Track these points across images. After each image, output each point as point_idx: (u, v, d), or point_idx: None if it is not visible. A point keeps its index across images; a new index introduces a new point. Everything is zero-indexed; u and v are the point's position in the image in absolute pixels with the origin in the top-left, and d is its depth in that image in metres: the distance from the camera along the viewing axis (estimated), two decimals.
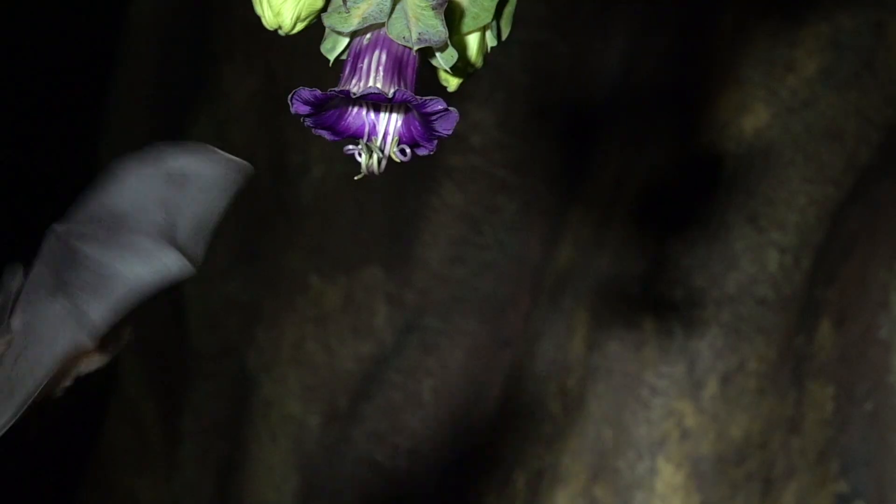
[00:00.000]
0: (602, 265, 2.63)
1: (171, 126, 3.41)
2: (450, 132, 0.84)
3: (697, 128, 2.59)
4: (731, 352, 2.44)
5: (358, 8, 0.82)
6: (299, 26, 0.85)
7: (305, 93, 0.84)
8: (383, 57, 0.83)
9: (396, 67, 0.83)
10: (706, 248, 2.49)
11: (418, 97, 0.82)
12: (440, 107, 0.83)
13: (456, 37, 0.87)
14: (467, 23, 0.86)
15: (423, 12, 0.82)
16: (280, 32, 0.85)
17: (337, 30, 0.83)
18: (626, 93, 2.81)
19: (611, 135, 2.78)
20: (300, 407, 3.04)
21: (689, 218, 2.52)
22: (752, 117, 2.53)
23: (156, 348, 3.58)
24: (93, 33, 4.13)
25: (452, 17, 0.86)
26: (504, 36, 0.89)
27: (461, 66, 0.88)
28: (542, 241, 2.83)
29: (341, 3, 0.82)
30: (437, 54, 0.86)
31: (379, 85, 0.83)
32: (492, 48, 0.90)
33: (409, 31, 0.82)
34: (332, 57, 0.87)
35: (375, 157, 0.86)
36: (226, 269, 3.25)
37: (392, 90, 0.83)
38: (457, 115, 0.83)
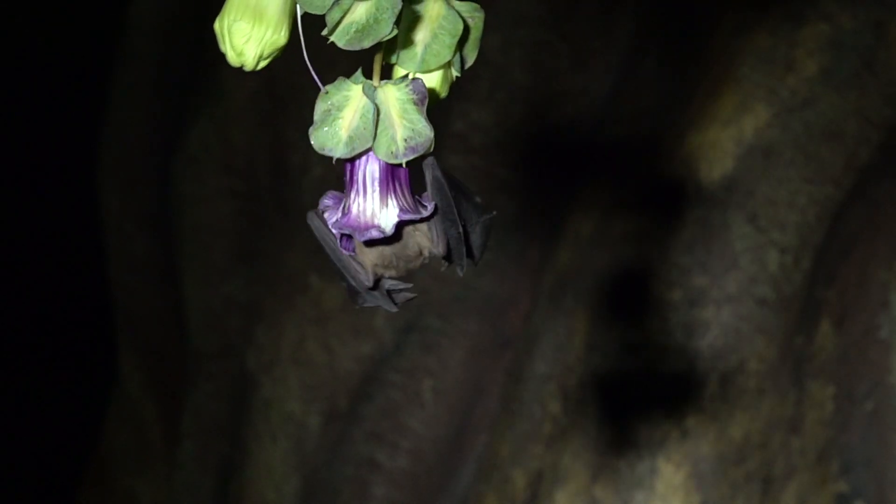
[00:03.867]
0: (602, 265, 2.63)
1: (171, 126, 3.41)
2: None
3: (698, 127, 2.59)
4: (731, 352, 2.44)
5: (342, 118, 0.83)
6: (262, 63, 0.87)
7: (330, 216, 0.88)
8: (375, 168, 0.85)
9: (389, 174, 0.86)
10: (706, 248, 2.49)
11: (418, 213, 0.86)
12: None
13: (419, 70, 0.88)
14: (427, 60, 0.87)
15: (406, 106, 0.83)
16: (244, 69, 0.87)
17: (327, 152, 0.84)
18: (625, 93, 2.81)
19: (610, 135, 2.78)
20: (300, 407, 3.04)
21: (690, 218, 2.52)
22: (752, 117, 2.53)
23: (156, 348, 3.58)
24: (93, 33, 4.13)
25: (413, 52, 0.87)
26: (468, 63, 0.91)
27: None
28: (542, 241, 2.83)
29: (326, 112, 0.83)
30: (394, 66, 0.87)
31: (376, 206, 0.85)
32: (457, 77, 0.91)
33: (396, 144, 0.83)
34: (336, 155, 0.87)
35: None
36: (226, 269, 3.25)
37: (390, 223, 0.85)
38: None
